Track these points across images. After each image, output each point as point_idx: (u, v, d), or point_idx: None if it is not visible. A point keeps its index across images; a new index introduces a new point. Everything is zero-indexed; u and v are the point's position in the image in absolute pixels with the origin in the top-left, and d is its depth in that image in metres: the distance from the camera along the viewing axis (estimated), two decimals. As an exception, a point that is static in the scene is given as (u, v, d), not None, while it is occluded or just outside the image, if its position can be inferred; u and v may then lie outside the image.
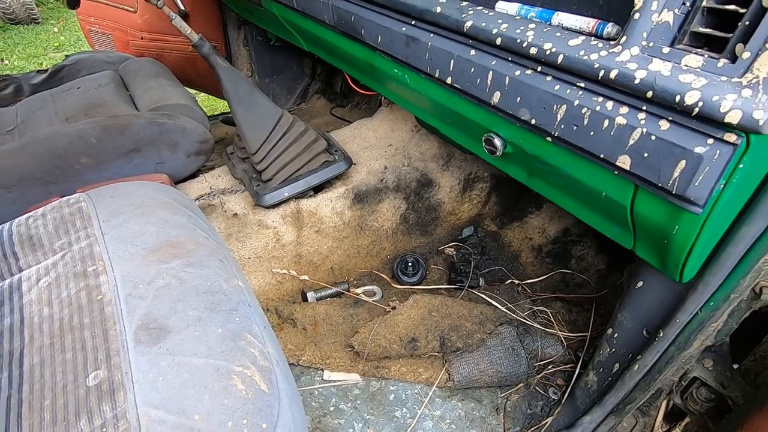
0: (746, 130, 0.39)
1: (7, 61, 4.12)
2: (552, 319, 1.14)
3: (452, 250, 1.41)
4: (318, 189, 1.34)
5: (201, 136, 1.31)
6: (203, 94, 2.85)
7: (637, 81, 0.46)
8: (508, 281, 1.27)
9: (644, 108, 0.47)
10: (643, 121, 0.47)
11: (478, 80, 0.68)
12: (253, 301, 0.75)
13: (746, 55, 0.39)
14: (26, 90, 1.52)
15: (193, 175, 1.42)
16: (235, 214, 1.27)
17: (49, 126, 1.23)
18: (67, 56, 1.64)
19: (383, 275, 1.31)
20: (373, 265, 1.35)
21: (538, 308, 1.17)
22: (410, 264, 1.29)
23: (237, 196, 1.33)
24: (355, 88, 1.43)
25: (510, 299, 1.18)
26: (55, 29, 5.00)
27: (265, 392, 0.57)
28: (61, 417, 0.54)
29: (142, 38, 2.15)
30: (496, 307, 1.13)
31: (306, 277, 1.24)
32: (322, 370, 1.08)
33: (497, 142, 0.75)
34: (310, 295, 1.21)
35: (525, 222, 1.38)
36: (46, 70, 1.57)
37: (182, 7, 1.98)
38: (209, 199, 1.32)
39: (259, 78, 2.19)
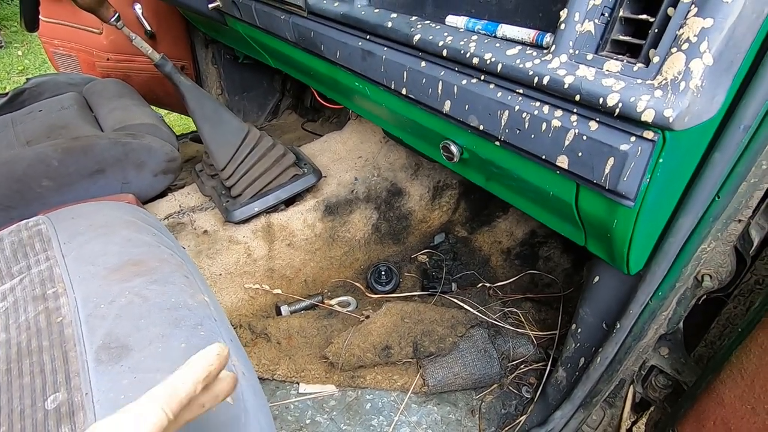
0: (660, 127, 0.43)
1: (-32, 87, 4.01)
2: (522, 319, 1.17)
3: (425, 257, 1.43)
4: (289, 202, 1.35)
5: (168, 154, 1.30)
6: (175, 114, 2.84)
7: (566, 86, 0.49)
8: (480, 285, 1.29)
9: (575, 111, 0.51)
10: (575, 123, 0.51)
11: (430, 90, 0.71)
12: (220, 315, 0.75)
13: (656, 59, 0.43)
14: (-15, 115, 1.49)
15: (162, 194, 1.41)
16: (205, 231, 1.26)
17: (9, 150, 1.20)
18: (28, 79, 1.62)
19: (357, 285, 1.32)
20: (347, 275, 1.36)
21: (509, 309, 1.20)
22: (383, 273, 1.31)
23: (207, 213, 1.32)
24: (323, 102, 1.45)
25: (481, 302, 1.21)
26: (19, 52, 4.89)
27: (230, 404, 0.57)
28: (18, 443, 0.52)
29: (108, 59, 2.13)
30: (467, 310, 1.15)
31: (279, 291, 1.24)
32: (298, 383, 1.07)
33: (453, 148, 0.78)
34: (284, 309, 1.21)
35: (494, 226, 1.41)
36: (6, 94, 1.55)
37: (148, 27, 1.98)
38: (179, 218, 1.31)
39: (229, 96, 2.20)
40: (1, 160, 1.09)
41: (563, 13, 0.50)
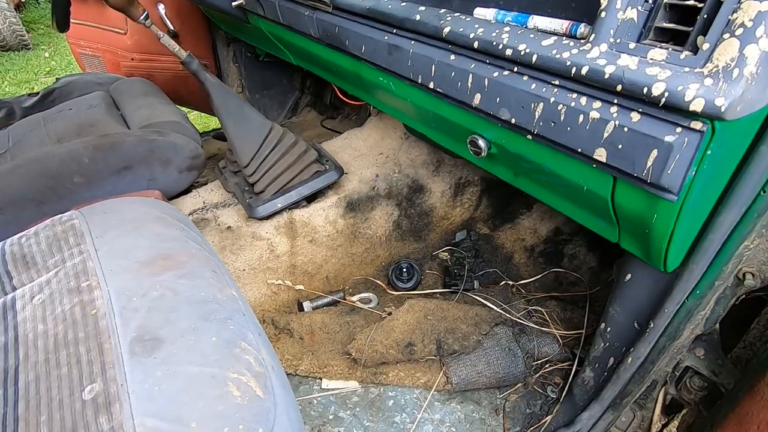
0: (710, 117, 0.41)
1: (-2, 87, 4.14)
2: (547, 318, 1.15)
3: (446, 254, 1.42)
4: (310, 199, 1.35)
5: (192, 151, 1.32)
6: (196, 111, 2.88)
7: (606, 76, 0.47)
8: (503, 282, 1.28)
9: (615, 101, 0.49)
10: (615, 114, 0.49)
11: (459, 83, 0.70)
12: (248, 310, 0.75)
13: (706, 46, 0.41)
14: (18, 113, 1.53)
15: (186, 191, 1.43)
16: (229, 227, 1.27)
17: (41, 147, 1.24)
18: (57, 79, 1.66)
19: (378, 282, 1.31)
20: (368, 272, 1.36)
21: (533, 308, 1.18)
22: (405, 270, 1.30)
23: (230, 210, 1.34)
24: (344, 99, 1.45)
25: (505, 300, 1.19)
26: (46, 54, 5.04)
27: (260, 397, 0.58)
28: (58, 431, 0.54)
29: (132, 59, 2.17)
30: (491, 308, 1.14)
31: (301, 287, 1.24)
32: (321, 379, 1.07)
33: (481, 143, 0.76)
34: (306, 305, 1.21)
35: (517, 223, 1.39)
36: (38, 93, 1.59)
37: (171, 27, 2.01)
38: (202, 214, 1.33)
39: (250, 94, 2.22)
40: (34, 157, 1.12)
41: (604, 1, 0.49)
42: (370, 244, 1.36)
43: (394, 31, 0.80)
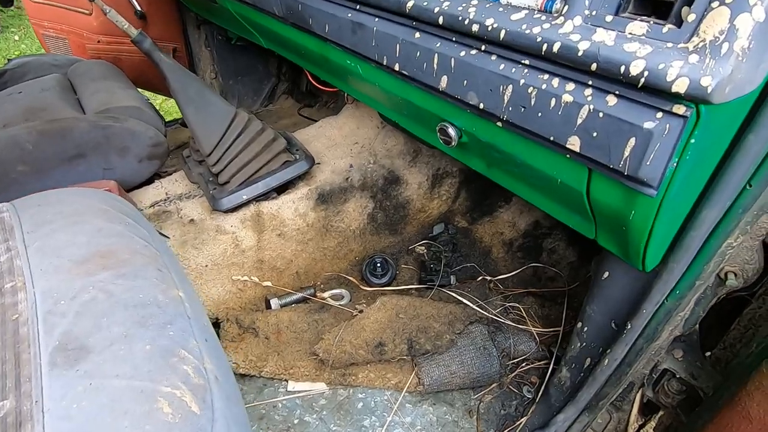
0: (695, 99, 0.36)
1: (-38, 71, 3.94)
2: (524, 315, 1.11)
3: (423, 248, 1.37)
4: (280, 190, 1.28)
5: (152, 139, 1.24)
6: (172, 99, 2.76)
7: (580, 53, 0.42)
8: (480, 278, 1.23)
9: (590, 83, 0.43)
10: (589, 98, 0.44)
11: (425, 65, 0.64)
12: (195, 312, 0.69)
13: (692, 17, 0.36)
14: (-36, 97, 1.42)
15: (148, 181, 1.35)
16: (192, 220, 1.20)
17: (-15, 134, 1.14)
18: (9, 60, 1.55)
19: (351, 278, 1.26)
20: (341, 267, 1.30)
21: (510, 304, 1.13)
22: (379, 264, 1.25)
23: (194, 202, 1.26)
24: (317, 85, 1.38)
25: (481, 296, 1.15)
26: (16, 37, 4.82)
27: (195, 414, 0.52)
28: (-43, 457, 0.47)
29: (98, 41, 2.06)
30: (466, 305, 1.09)
31: (269, 284, 1.18)
32: (286, 381, 1.02)
33: (451, 131, 0.70)
34: (274, 302, 1.15)
35: (495, 216, 1.34)
36: (-13, 76, 1.48)
37: (138, 7, 1.90)
38: (165, 206, 1.25)
39: (223, 80, 2.12)
40: (-28, 144, 1.03)
41: (578, -33, 0.43)
42: (343, 238, 1.30)
43: (357, 6, 0.74)
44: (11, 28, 4.94)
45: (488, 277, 1.23)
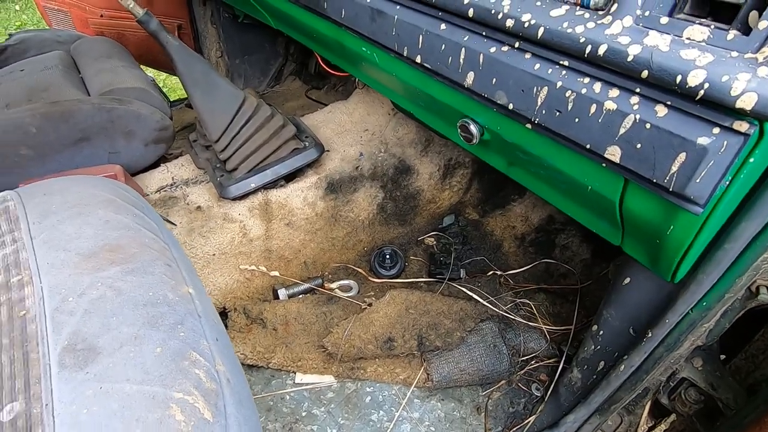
0: (761, 117, 0.33)
1: (-38, 42, 3.86)
2: (535, 312, 1.09)
3: (432, 240, 1.35)
4: (289, 178, 1.25)
5: (159, 122, 1.20)
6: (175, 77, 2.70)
7: (630, 58, 0.38)
8: (490, 272, 1.21)
9: (638, 90, 0.40)
10: (636, 107, 0.40)
11: (450, 59, 0.60)
12: (206, 310, 0.67)
13: (763, 24, 0.32)
14: (-35, 73, 1.38)
15: (154, 165, 1.32)
16: (199, 207, 1.18)
17: (-13, 114, 1.11)
18: (10, 35, 1.50)
19: (360, 269, 1.24)
20: (349, 258, 1.28)
21: (521, 300, 1.12)
22: (388, 256, 1.23)
23: (201, 188, 1.23)
24: (327, 69, 1.33)
25: (492, 292, 1.13)
26: (17, 7, 4.71)
27: (208, 421, 0.51)
28: (-33, 460, 0.46)
29: (101, 16, 2.00)
30: (477, 301, 1.08)
31: (277, 273, 1.16)
32: (294, 373, 1.01)
33: (473, 128, 0.67)
34: (282, 292, 1.14)
35: (508, 210, 1.32)
36: (-12, 51, 1.43)
37: (141, -19, 1.82)
38: (171, 191, 1.23)
39: (230, 59, 2.06)
40: (-26, 126, 1.00)
41: (632, -38, 0.39)
42: (352, 228, 1.28)
43: (378, -8, 0.69)
44: (11, -3, 4.82)
45: (499, 272, 1.21)
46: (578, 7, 0.45)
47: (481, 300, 1.09)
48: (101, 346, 0.55)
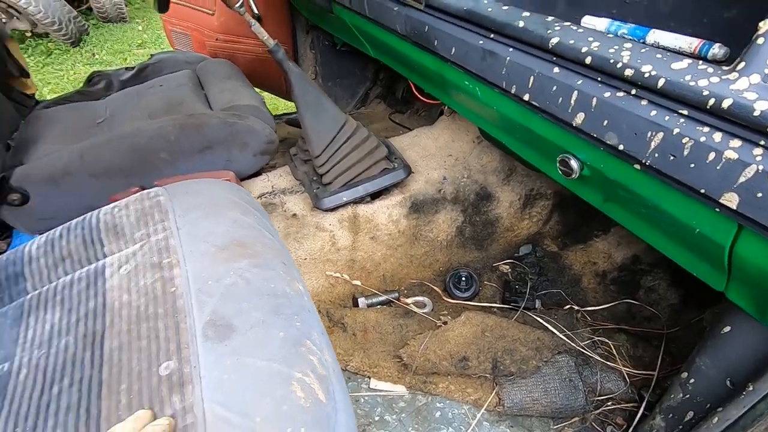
0: None
1: (97, 55, 4.50)
2: (614, 352, 1.07)
3: (507, 267, 1.36)
4: (375, 195, 1.35)
5: (267, 136, 1.35)
6: (264, 94, 2.97)
7: (756, 113, 0.41)
8: (567, 306, 1.20)
9: (762, 143, 0.42)
10: (759, 158, 0.43)
11: (560, 99, 0.65)
12: (312, 307, 0.76)
13: None
14: (115, 85, 1.65)
15: (256, 173, 1.48)
16: (294, 214, 1.30)
17: (133, 121, 1.32)
18: (152, 55, 1.77)
19: (434, 287, 1.29)
20: (425, 276, 1.34)
21: (599, 338, 1.10)
22: (464, 278, 1.26)
23: (296, 197, 1.36)
24: (418, 96, 1.42)
25: (568, 326, 1.12)
26: (140, 28, 5.41)
27: (322, 402, 0.58)
28: (136, 402, 0.57)
29: (216, 39, 2.27)
30: (554, 333, 1.08)
31: (358, 282, 1.25)
32: (369, 378, 1.07)
33: (574, 163, 0.71)
34: (361, 301, 1.21)
35: (589, 245, 1.30)
36: (134, 68, 1.70)
37: (256, 11, 2.06)
38: (270, 198, 1.37)
39: (323, 81, 2.25)
40: (127, 133, 1.20)
41: (764, 25, 0.42)
42: (431, 248, 1.33)
43: (492, 36, 0.76)
44: (136, 19, 5.56)
45: (576, 307, 1.20)
46: (700, 62, 0.48)
47: (557, 332, 1.09)
48: (236, 325, 0.64)
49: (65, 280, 0.77)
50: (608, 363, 1.05)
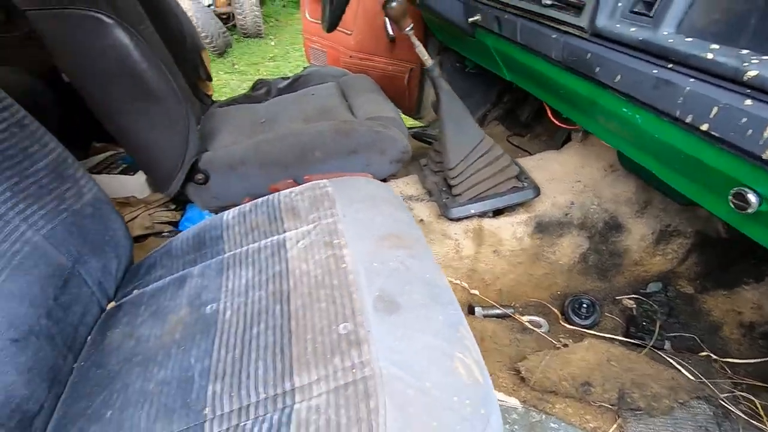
0: None
1: (236, 66, 5.16)
2: (761, 413, 0.97)
3: (632, 302, 1.31)
4: (498, 212, 1.39)
5: (404, 146, 1.47)
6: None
7: None
8: (704, 353, 1.12)
9: None
10: None
11: (749, 131, 0.64)
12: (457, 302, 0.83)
13: None
14: (273, 92, 1.92)
15: (384, 180, 1.61)
16: (422, 219, 1.39)
17: (291, 123, 1.53)
18: (305, 68, 2.02)
19: (553, 309, 1.28)
20: (542, 297, 1.33)
21: (742, 394, 1.01)
22: (585, 306, 1.24)
23: (422, 204, 1.46)
24: (556, 121, 1.44)
25: (705, 373, 1.05)
26: (272, 43, 6.08)
27: (479, 382, 0.63)
28: (320, 351, 0.68)
29: (351, 57, 2.49)
30: (689, 378, 1.01)
31: (476, 292, 1.29)
32: (483, 385, 1.10)
33: (751, 197, 0.69)
34: (478, 311, 1.25)
35: (735, 292, 1.20)
36: (289, 77, 1.96)
37: (391, 33, 2.24)
38: (399, 203, 1.48)
39: (446, 100, 2.35)
40: (291, 132, 1.40)
41: None
42: (551, 270, 1.33)
43: (670, 66, 0.78)
44: (270, 35, 6.27)
45: (714, 356, 1.11)
46: None
47: (691, 377, 1.02)
48: (401, 303, 0.73)
49: (254, 246, 0.93)
50: (752, 421, 0.96)
